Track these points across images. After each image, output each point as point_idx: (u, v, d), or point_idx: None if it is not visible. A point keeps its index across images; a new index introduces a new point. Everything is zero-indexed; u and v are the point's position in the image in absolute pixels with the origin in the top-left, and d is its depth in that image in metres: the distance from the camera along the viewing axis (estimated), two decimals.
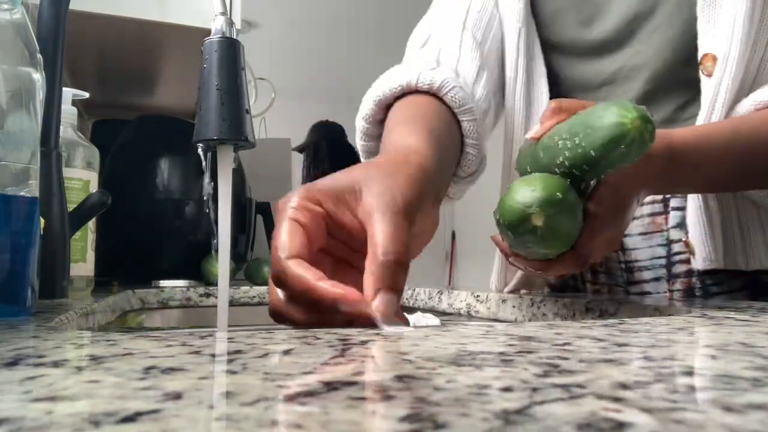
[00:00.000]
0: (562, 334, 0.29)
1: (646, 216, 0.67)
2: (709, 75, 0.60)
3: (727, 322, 0.35)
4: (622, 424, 0.14)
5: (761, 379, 0.19)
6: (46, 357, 0.23)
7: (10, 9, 0.38)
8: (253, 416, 0.14)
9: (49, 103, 0.55)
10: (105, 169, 0.96)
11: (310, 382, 0.18)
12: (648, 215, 0.67)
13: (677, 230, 0.65)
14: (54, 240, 0.57)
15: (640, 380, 0.18)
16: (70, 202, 0.64)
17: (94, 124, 1.50)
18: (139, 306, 0.88)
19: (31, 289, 0.39)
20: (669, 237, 0.66)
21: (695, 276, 0.64)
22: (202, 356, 0.23)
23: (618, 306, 0.54)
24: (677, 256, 0.65)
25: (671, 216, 0.65)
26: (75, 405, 0.15)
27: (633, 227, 0.68)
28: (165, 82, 1.40)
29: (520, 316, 0.66)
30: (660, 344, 0.27)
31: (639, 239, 0.68)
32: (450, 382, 0.18)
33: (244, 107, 0.46)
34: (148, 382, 0.18)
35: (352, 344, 0.26)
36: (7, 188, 0.37)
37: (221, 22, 0.46)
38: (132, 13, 1.00)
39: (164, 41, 1.13)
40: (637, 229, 0.68)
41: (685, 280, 0.65)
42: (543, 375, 0.19)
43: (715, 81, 0.59)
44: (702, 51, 0.60)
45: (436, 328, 0.34)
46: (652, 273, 0.67)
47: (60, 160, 0.59)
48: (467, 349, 0.24)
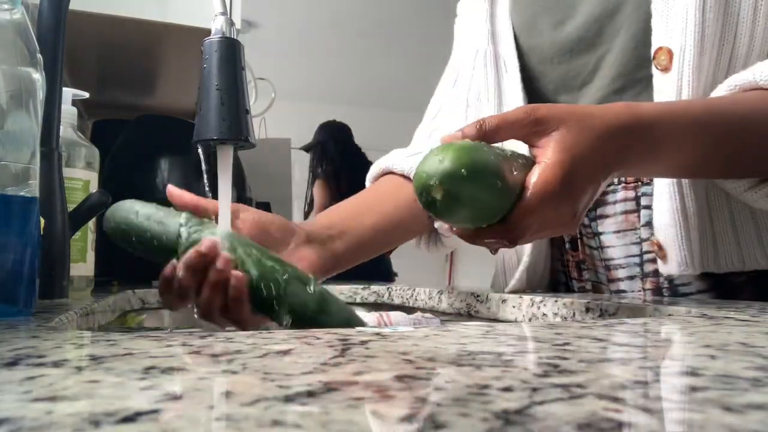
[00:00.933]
0: (562, 334, 0.29)
1: (620, 214, 0.67)
2: (665, 69, 0.59)
3: (727, 322, 0.35)
4: (622, 424, 0.14)
5: (761, 379, 0.19)
6: (46, 357, 0.23)
7: (10, 9, 0.38)
8: (253, 416, 0.14)
9: (49, 103, 0.55)
10: (105, 169, 0.96)
11: (310, 382, 0.18)
12: (621, 213, 0.67)
13: (647, 228, 0.64)
14: (54, 240, 0.57)
15: (640, 380, 0.18)
16: (70, 202, 0.64)
17: (94, 124, 1.50)
18: (139, 306, 0.88)
19: (31, 289, 0.39)
20: (641, 236, 0.65)
21: (662, 276, 0.64)
22: (202, 356, 0.23)
23: (618, 306, 0.54)
24: (647, 255, 0.65)
25: (642, 214, 0.65)
26: (75, 405, 0.15)
27: (607, 225, 0.68)
28: (165, 82, 1.40)
29: (520, 316, 0.66)
30: (660, 344, 0.27)
31: (613, 237, 0.67)
32: (450, 382, 0.18)
33: (244, 107, 0.46)
34: (148, 382, 0.18)
35: (352, 344, 0.26)
36: (7, 188, 0.37)
37: (221, 22, 0.46)
38: (132, 13, 1.00)
39: (164, 41, 1.13)
40: (610, 226, 0.68)
41: (653, 280, 0.65)
42: (543, 375, 0.19)
43: (675, 75, 0.58)
44: (655, 46, 0.60)
45: (436, 328, 0.34)
46: (627, 271, 0.67)
47: (60, 160, 0.59)
48: (467, 349, 0.24)
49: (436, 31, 3.44)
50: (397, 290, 0.96)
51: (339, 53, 3.96)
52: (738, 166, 0.55)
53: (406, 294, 0.92)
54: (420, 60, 3.81)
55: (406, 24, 3.52)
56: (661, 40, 0.60)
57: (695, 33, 0.57)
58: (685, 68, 0.58)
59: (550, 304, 0.61)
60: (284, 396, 0.16)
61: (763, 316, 0.38)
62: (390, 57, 3.91)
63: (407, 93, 4.45)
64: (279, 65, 3.92)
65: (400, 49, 3.83)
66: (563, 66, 0.71)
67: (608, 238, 0.68)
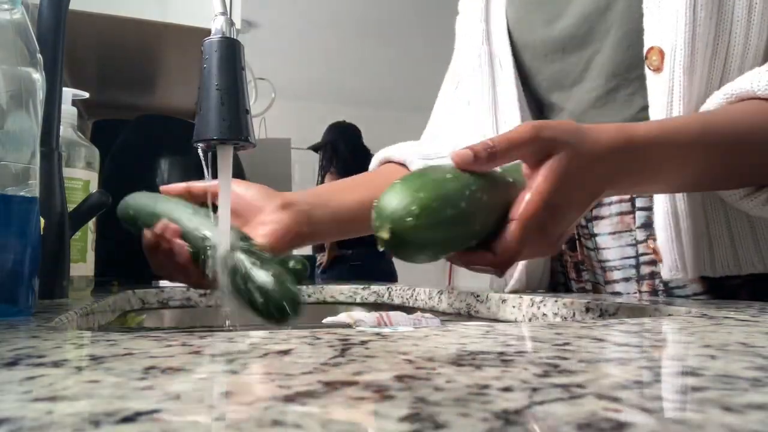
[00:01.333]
0: (562, 334, 0.29)
1: (615, 215, 0.67)
2: (657, 70, 0.59)
3: (727, 322, 0.35)
4: (622, 424, 0.14)
5: (761, 379, 0.19)
6: (46, 357, 0.23)
7: (10, 9, 0.38)
8: (253, 416, 0.14)
9: (49, 103, 0.55)
10: (105, 169, 0.96)
11: (310, 382, 0.18)
12: (616, 214, 0.66)
13: (642, 230, 0.64)
14: (54, 240, 0.57)
15: (640, 380, 0.18)
16: (70, 202, 0.64)
17: (94, 124, 1.50)
18: (139, 306, 0.88)
19: (31, 289, 0.39)
20: (636, 238, 0.65)
21: (658, 278, 0.63)
22: (202, 356, 0.23)
23: (618, 306, 0.54)
24: (643, 257, 0.65)
25: (638, 215, 0.64)
26: (75, 405, 0.15)
27: (603, 226, 0.68)
28: (165, 82, 1.40)
29: (520, 316, 0.66)
30: (660, 344, 0.27)
31: (609, 239, 0.67)
32: (450, 382, 0.18)
33: (244, 107, 0.46)
34: (148, 382, 0.18)
35: (352, 344, 0.26)
36: (7, 188, 0.37)
37: (221, 22, 0.46)
38: (132, 13, 1.00)
39: (164, 41, 1.13)
40: (606, 228, 0.67)
41: (649, 282, 0.65)
42: (543, 375, 0.19)
43: (666, 76, 0.58)
44: (647, 45, 0.59)
45: (436, 328, 0.34)
46: (622, 273, 0.67)
47: (60, 160, 0.59)
48: (467, 349, 0.24)
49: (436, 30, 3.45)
50: (397, 290, 0.96)
51: (339, 53, 3.97)
52: (733, 180, 0.55)
53: (406, 294, 0.92)
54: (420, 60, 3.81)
55: (406, 24, 3.52)
56: (653, 40, 0.59)
57: (686, 32, 0.56)
58: (677, 68, 0.57)
59: (550, 304, 0.61)
60: (284, 396, 0.16)
61: (763, 316, 0.38)
62: (390, 57, 3.91)
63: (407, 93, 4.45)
64: (279, 65, 3.92)
65: (400, 49, 3.83)
66: (556, 64, 0.71)
67: (604, 240, 0.68)
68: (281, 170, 1.79)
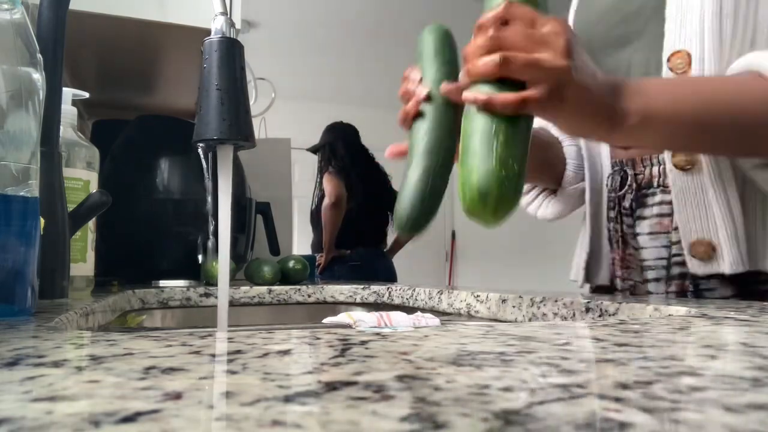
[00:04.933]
0: (562, 334, 0.29)
1: (655, 216, 0.68)
2: (683, 74, 0.61)
3: (727, 322, 0.35)
4: (622, 424, 0.14)
5: (761, 379, 0.19)
6: (46, 357, 0.23)
7: (10, 9, 0.38)
8: (253, 416, 0.14)
9: (49, 103, 0.55)
10: (105, 169, 0.96)
11: (310, 382, 0.18)
12: (656, 216, 0.68)
13: (677, 232, 0.65)
14: (54, 240, 0.57)
15: (640, 380, 0.18)
16: (70, 202, 0.64)
17: (94, 124, 1.50)
18: (139, 306, 0.88)
19: (31, 289, 0.39)
20: (671, 239, 0.66)
21: (689, 280, 0.64)
22: (202, 356, 0.23)
23: (618, 306, 0.54)
24: (675, 258, 0.66)
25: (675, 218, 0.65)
26: (75, 405, 0.15)
27: (643, 226, 0.69)
28: (165, 82, 1.40)
29: (520, 316, 0.66)
30: (660, 344, 0.27)
31: (647, 239, 0.69)
32: (450, 382, 0.18)
33: (244, 107, 0.46)
34: (148, 382, 0.18)
35: (352, 344, 0.26)
36: (7, 188, 0.37)
37: (221, 22, 0.46)
38: (132, 13, 1.00)
39: (164, 41, 1.13)
40: (645, 228, 0.69)
41: (678, 283, 0.66)
42: (543, 375, 0.19)
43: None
44: (670, 50, 0.62)
45: (436, 328, 0.34)
46: (655, 273, 0.68)
47: (60, 160, 0.59)
48: (467, 349, 0.24)
49: None
50: (397, 290, 0.96)
51: (339, 53, 3.96)
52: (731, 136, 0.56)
53: (406, 294, 0.92)
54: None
55: (406, 23, 3.52)
56: (676, 45, 0.61)
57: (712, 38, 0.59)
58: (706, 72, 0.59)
59: (550, 304, 0.61)
60: (284, 396, 0.16)
61: (763, 316, 0.38)
62: (390, 57, 3.91)
63: None
64: (279, 65, 3.92)
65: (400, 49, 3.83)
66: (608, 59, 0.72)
67: (643, 240, 0.69)
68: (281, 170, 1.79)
